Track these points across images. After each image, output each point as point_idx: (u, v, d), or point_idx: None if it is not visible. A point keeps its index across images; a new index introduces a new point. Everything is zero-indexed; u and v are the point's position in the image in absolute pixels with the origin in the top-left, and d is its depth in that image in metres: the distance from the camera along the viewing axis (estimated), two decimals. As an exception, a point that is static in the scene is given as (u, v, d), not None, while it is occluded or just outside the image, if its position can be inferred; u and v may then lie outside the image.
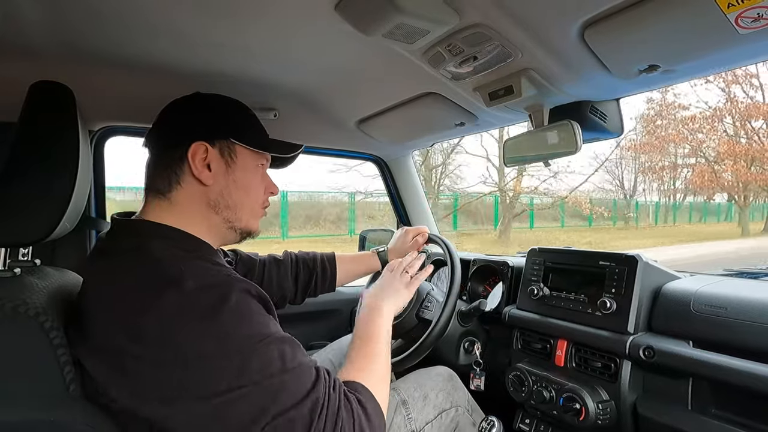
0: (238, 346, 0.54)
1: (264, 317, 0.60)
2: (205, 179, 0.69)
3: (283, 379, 0.55)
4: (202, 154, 0.69)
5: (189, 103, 0.74)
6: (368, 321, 0.80)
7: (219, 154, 0.71)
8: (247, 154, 0.74)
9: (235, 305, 0.56)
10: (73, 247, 1.14)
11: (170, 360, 0.53)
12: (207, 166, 0.70)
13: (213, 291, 0.56)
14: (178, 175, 0.69)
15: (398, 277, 0.94)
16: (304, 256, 1.16)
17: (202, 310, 0.54)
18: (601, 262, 1.01)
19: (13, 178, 0.59)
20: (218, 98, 0.76)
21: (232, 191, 0.72)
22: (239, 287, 0.59)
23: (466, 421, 0.99)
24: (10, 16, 0.73)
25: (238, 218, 0.74)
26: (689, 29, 0.64)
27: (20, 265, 0.66)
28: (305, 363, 0.59)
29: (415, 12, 0.67)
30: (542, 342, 1.09)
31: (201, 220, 0.71)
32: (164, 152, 0.71)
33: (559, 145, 0.94)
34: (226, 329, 0.54)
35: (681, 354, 0.83)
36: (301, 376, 0.57)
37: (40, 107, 0.62)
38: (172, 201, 0.69)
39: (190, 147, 0.68)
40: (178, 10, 0.74)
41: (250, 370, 0.53)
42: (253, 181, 0.76)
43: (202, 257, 0.66)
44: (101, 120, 1.15)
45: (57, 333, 0.56)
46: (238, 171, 0.73)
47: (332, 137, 1.45)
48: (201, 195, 0.70)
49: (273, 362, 0.55)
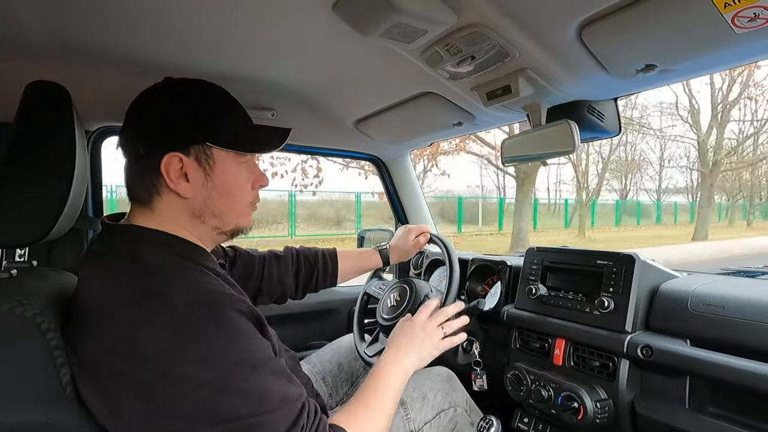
0: (220, 374, 0.52)
1: (252, 340, 0.57)
2: (184, 192, 0.64)
3: (261, 420, 0.53)
4: (177, 164, 0.63)
5: (159, 99, 0.66)
6: (387, 375, 0.75)
7: (196, 162, 0.64)
8: (226, 155, 0.67)
9: (223, 326, 0.54)
10: (70, 248, 1.14)
11: (148, 380, 0.52)
12: (185, 176, 0.64)
13: (201, 309, 0.54)
14: (155, 186, 0.64)
15: (432, 332, 0.85)
16: (306, 251, 1.15)
17: (188, 331, 0.53)
18: (598, 261, 1.01)
19: (10, 179, 0.59)
20: (191, 90, 0.67)
21: (215, 199, 0.67)
22: (230, 306, 0.56)
23: (465, 421, 0.99)
24: (7, 16, 0.73)
25: (225, 222, 0.69)
26: (686, 29, 0.64)
27: (17, 266, 0.65)
28: (289, 398, 0.56)
29: (413, 12, 0.67)
30: (540, 341, 1.09)
31: (188, 228, 0.67)
32: (136, 162, 0.65)
33: (557, 144, 0.94)
34: (210, 354, 0.52)
35: (678, 353, 0.83)
36: (279, 416, 0.54)
37: (36, 107, 0.62)
38: (155, 211, 0.65)
39: (162, 160, 0.62)
40: (175, 10, 0.74)
41: (227, 404, 0.51)
42: (238, 183, 0.69)
43: (194, 263, 0.64)
44: (98, 120, 1.15)
45: (54, 334, 0.56)
46: (219, 176, 0.66)
47: (330, 137, 1.45)
48: (183, 206, 0.66)
49: (252, 399, 0.53)
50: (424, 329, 0.85)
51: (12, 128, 0.60)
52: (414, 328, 0.85)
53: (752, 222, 22.07)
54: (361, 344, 1.13)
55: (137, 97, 0.67)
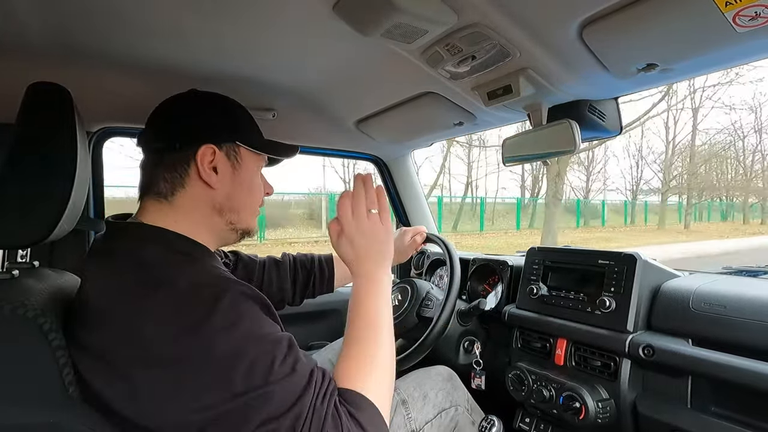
0: (227, 349, 0.52)
1: (258, 319, 0.57)
2: (213, 183, 0.68)
3: (268, 391, 0.52)
4: (210, 156, 0.68)
5: (192, 102, 0.73)
6: (366, 296, 0.70)
7: (226, 157, 0.70)
8: (250, 156, 0.74)
9: (228, 306, 0.54)
10: (71, 249, 1.14)
11: (156, 365, 0.52)
12: (214, 169, 0.69)
13: (206, 291, 0.55)
14: (182, 177, 0.68)
15: (366, 220, 0.69)
16: (302, 257, 1.16)
17: (193, 312, 0.53)
18: (600, 261, 1.01)
19: (11, 180, 0.59)
20: (220, 98, 0.75)
21: (238, 194, 0.72)
22: (235, 288, 0.57)
23: (466, 420, 0.99)
24: (8, 17, 0.73)
25: (241, 219, 0.73)
26: (687, 28, 0.64)
27: (18, 267, 0.65)
28: (298, 368, 0.56)
29: (413, 11, 0.67)
30: (542, 341, 1.09)
31: (203, 223, 0.69)
32: (167, 154, 0.68)
33: (558, 144, 0.94)
34: (215, 334, 0.52)
35: (680, 352, 0.83)
36: (288, 386, 0.54)
37: (37, 108, 0.62)
38: (174, 204, 0.68)
39: (198, 150, 0.67)
40: (176, 11, 0.74)
41: (235, 382, 0.51)
42: (257, 183, 0.76)
43: (198, 261, 0.65)
44: (99, 121, 1.15)
45: (56, 335, 0.56)
46: (244, 174, 0.73)
47: (331, 137, 1.45)
48: (206, 198, 0.69)
49: (258, 371, 0.53)
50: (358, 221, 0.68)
51: (13, 129, 0.60)
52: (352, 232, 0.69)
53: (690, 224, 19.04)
54: None
55: (166, 101, 0.72)
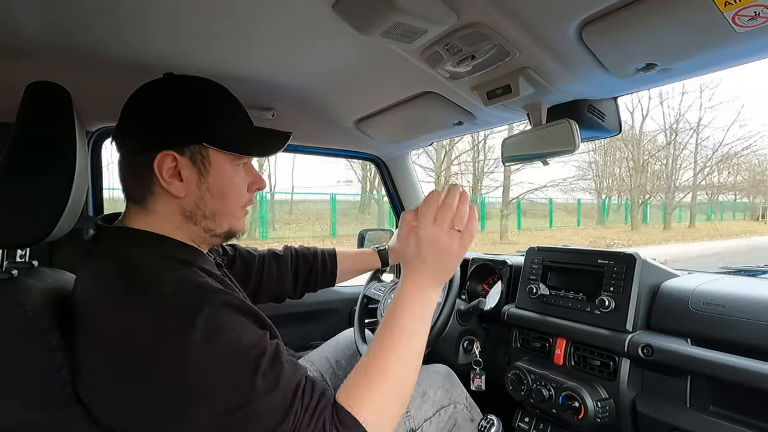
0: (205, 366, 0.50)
1: (240, 330, 0.55)
2: (176, 192, 0.62)
3: (252, 409, 0.51)
4: (170, 163, 0.61)
5: (156, 96, 0.64)
6: (410, 307, 0.64)
7: (190, 161, 0.63)
8: (222, 156, 0.65)
9: (207, 318, 0.52)
10: (71, 248, 1.13)
11: (134, 377, 0.51)
12: (178, 175, 0.62)
13: (188, 299, 0.53)
14: (149, 185, 0.62)
15: (445, 233, 0.63)
16: (304, 251, 1.15)
17: (172, 323, 0.51)
18: (599, 261, 1.01)
19: (10, 179, 0.59)
20: (191, 87, 0.66)
21: (207, 200, 0.65)
22: (216, 299, 0.55)
23: (465, 417, 0.99)
24: (8, 17, 0.73)
25: (218, 225, 0.67)
26: (686, 28, 0.64)
27: (17, 267, 0.65)
28: (282, 382, 0.53)
29: (413, 11, 0.67)
30: (541, 340, 1.09)
31: (180, 228, 0.65)
32: (130, 158, 0.64)
33: (558, 143, 0.94)
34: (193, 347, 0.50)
35: (679, 352, 0.83)
36: (272, 400, 0.52)
37: (37, 108, 0.62)
38: (149, 210, 0.64)
39: (156, 157, 0.60)
40: (175, 11, 0.74)
41: (215, 398, 0.50)
42: (232, 185, 0.67)
43: (186, 264, 0.62)
44: (99, 121, 1.15)
45: (53, 335, 0.56)
46: (213, 177, 0.64)
47: (330, 137, 1.45)
48: (175, 206, 0.64)
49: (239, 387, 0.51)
50: (436, 233, 0.63)
51: (13, 129, 0.60)
52: (424, 242, 0.64)
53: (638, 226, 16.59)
54: (362, 345, 1.13)
55: (135, 93, 0.65)
